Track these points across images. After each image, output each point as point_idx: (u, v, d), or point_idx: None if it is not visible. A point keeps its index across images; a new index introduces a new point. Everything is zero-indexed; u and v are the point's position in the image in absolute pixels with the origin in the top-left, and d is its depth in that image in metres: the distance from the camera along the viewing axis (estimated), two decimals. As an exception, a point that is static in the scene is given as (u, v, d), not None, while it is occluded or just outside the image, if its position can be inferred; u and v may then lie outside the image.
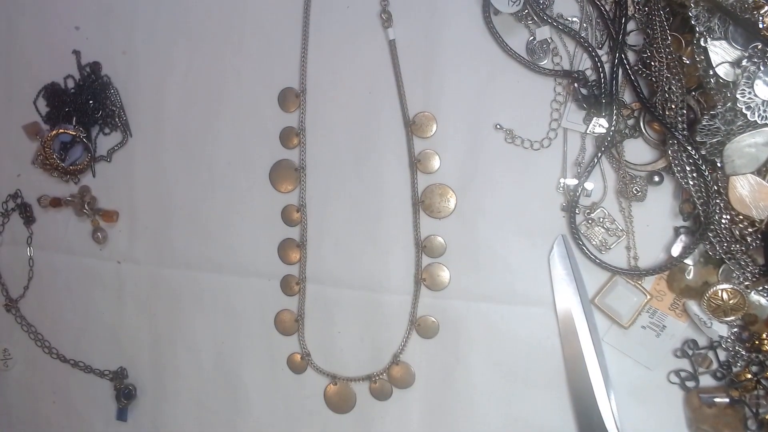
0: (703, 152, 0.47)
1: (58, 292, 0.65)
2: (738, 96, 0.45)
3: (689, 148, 0.47)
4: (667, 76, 0.48)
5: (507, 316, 0.54)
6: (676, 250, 0.50)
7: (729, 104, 0.46)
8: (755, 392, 0.49)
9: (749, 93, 0.45)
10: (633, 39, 0.50)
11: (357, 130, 0.56)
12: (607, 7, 0.50)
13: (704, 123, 0.46)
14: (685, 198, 0.50)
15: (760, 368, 0.49)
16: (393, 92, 0.55)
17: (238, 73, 0.59)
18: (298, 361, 0.58)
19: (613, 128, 0.50)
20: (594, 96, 0.51)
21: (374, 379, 0.56)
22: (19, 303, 0.66)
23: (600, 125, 0.51)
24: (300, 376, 0.59)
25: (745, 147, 0.46)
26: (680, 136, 0.47)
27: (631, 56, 0.50)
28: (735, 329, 0.50)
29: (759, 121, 0.45)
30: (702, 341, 0.51)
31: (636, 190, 0.50)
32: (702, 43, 0.46)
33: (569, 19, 0.52)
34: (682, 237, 0.50)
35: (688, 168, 0.48)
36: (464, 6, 0.53)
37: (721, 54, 0.46)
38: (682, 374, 0.51)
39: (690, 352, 0.51)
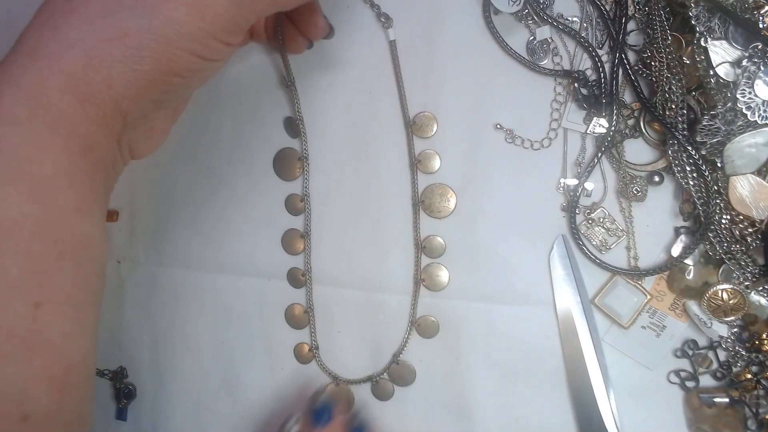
0: (703, 152, 0.47)
1: (58, 291, 0.65)
2: (738, 96, 0.45)
3: (689, 148, 0.47)
4: (667, 76, 0.48)
5: (507, 316, 0.54)
6: (676, 250, 0.50)
7: (729, 104, 0.46)
8: (755, 392, 0.49)
9: (749, 93, 0.45)
10: (633, 39, 0.50)
11: (357, 131, 0.56)
12: (608, 7, 0.50)
13: (704, 123, 0.47)
14: (685, 198, 0.50)
15: (760, 368, 0.49)
16: (393, 92, 0.55)
17: (238, 72, 0.59)
18: (306, 352, 0.58)
19: (613, 128, 0.50)
20: (594, 96, 0.51)
21: (375, 379, 0.56)
22: (19, 303, 0.66)
23: (600, 125, 0.51)
24: (300, 375, 0.58)
25: (745, 147, 0.46)
26: (680, 136, 0.47)
27: (632, 56, 0.50)
28: (735, 329, 0.50)
29: (759, 121, 0.45)
30: (702, 341, 0.51)
31: (636, 190, 0.50)
32: (702, 43, 0.46)
33: (569, 19, 0.52)
34: (682, 237, 0.50)
35: (688, 168, 0.48)
36: (464, 6, 0.53)
37: (722, 54, 0.46)
38: (682, 374, 0.51)
39: (690, 352, 0.51)
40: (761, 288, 0.48)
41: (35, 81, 0.35)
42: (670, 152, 0.48)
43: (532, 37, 0.52)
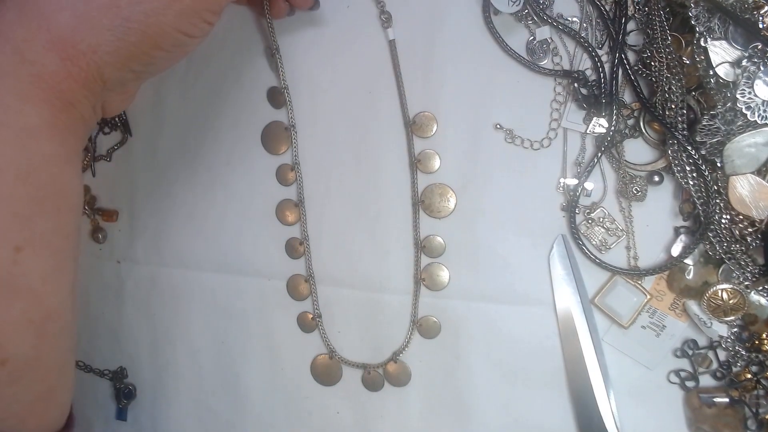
0: (703, 152, 0.47)
1: (58, 291, 0.65)
2: (738, 96, 0.45)
3: (689, 148, 0.47)
4: (667, 76, 0.48)
5: (507, 316, 0.54)
6: (676, 250, 0.50)
7: (729, 104, 0.46)
8: (755, 392, 0.49)
9: (749, 93, 0.45)
10: (633, 39, 0.50)
11: (357, 130, 0.56)
12: (607, 7, 0.50)
13: (704, 123, 0.47)
14: (685, 198, 0.50)
15: (760, 368, 0.49)
16: (393, 92, 0.55)
17: (238, 72, 0.59)
18: (309, 320, 0.58)
19: (613, 128, 0.50)
20: (594, 96, 0.51)
21: (369, 369, 0.56)
22: (19, 303, 0.66)
23: (600, 125, 0.51)
24: (299, 374, 0.59)
25: (745, 147, 0.46)
26: (680, 136, 0.47)
27: (631, 56, 0.51)
28: (735, 329, 0.50)
29: (759, 121, 0.45)
30: (702, 341, 0.51)
31: (636, 190, 0.50)
32: (702, 43, 0.46)
33: (569, 19, 0.52)
34: (682, 237, 0.50)
35: (688, 168, 0.48)
36: (464, 6, 0.53)
37: (721, 54, 0.46)
38: (682, 374, 0.51)
39: (690, 352, 0.51)
40: (761, 288, 0.48)
41: (22, 36, 0.36)
42: (669, 152, 0.48)
43: (532, 37, 0.52)
